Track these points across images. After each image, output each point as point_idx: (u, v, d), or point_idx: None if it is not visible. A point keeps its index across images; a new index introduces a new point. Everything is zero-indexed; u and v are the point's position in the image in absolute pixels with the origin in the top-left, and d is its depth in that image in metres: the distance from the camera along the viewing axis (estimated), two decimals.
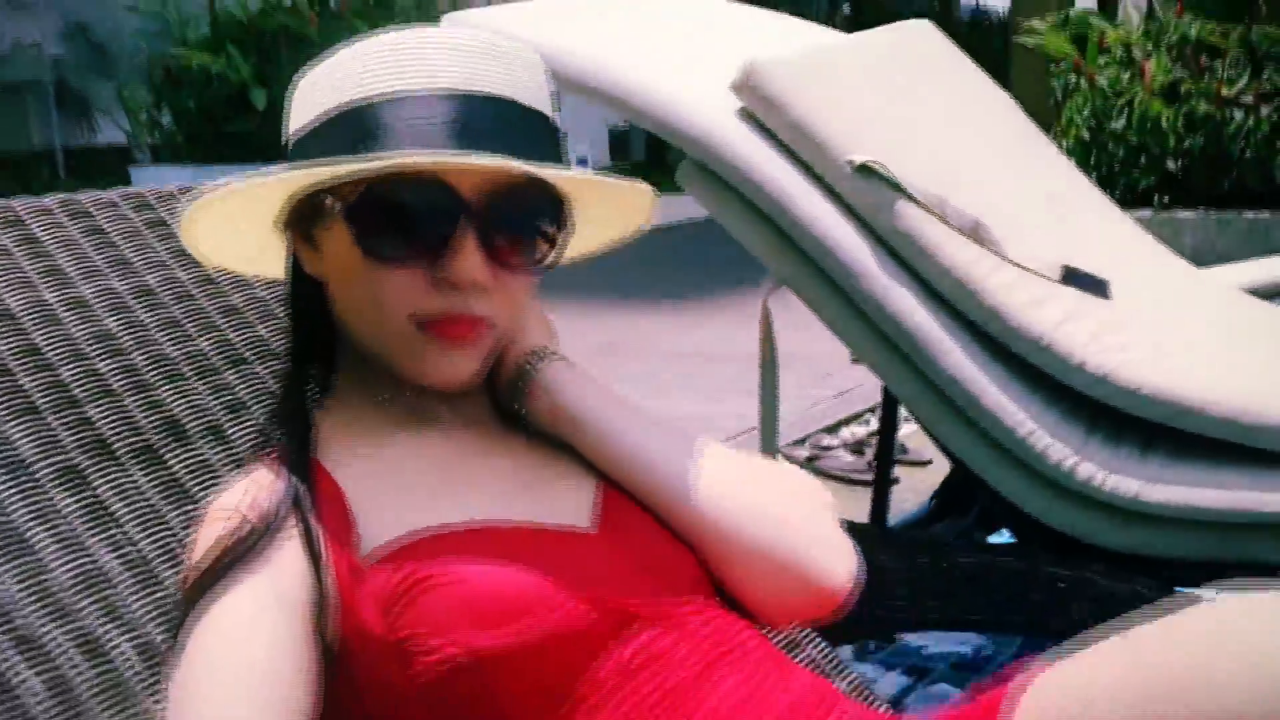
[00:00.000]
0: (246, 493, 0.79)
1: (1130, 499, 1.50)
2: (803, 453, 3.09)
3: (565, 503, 0.86)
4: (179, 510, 0.93)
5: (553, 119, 0.86)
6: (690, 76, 1.71)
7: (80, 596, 0.84)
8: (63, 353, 0.97)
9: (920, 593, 1.79)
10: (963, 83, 2.01)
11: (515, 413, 0.90)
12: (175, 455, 0.96)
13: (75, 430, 0.93)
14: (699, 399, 3.96)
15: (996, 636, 2.16)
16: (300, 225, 0.85)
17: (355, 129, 0.79)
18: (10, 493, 0.87)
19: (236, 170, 0.83)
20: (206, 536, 0.78)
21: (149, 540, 0.90)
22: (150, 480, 0.94)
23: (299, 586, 0.75)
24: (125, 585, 0.87)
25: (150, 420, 0.97)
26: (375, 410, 0.87)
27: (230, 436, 1.00)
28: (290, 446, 0.83)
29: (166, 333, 1.04)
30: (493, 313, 0.84)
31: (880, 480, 2.06)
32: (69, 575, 0.85)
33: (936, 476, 2.47)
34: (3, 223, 1.04)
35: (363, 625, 0.76)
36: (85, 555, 0.86)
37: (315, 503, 0.79)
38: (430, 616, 0.74)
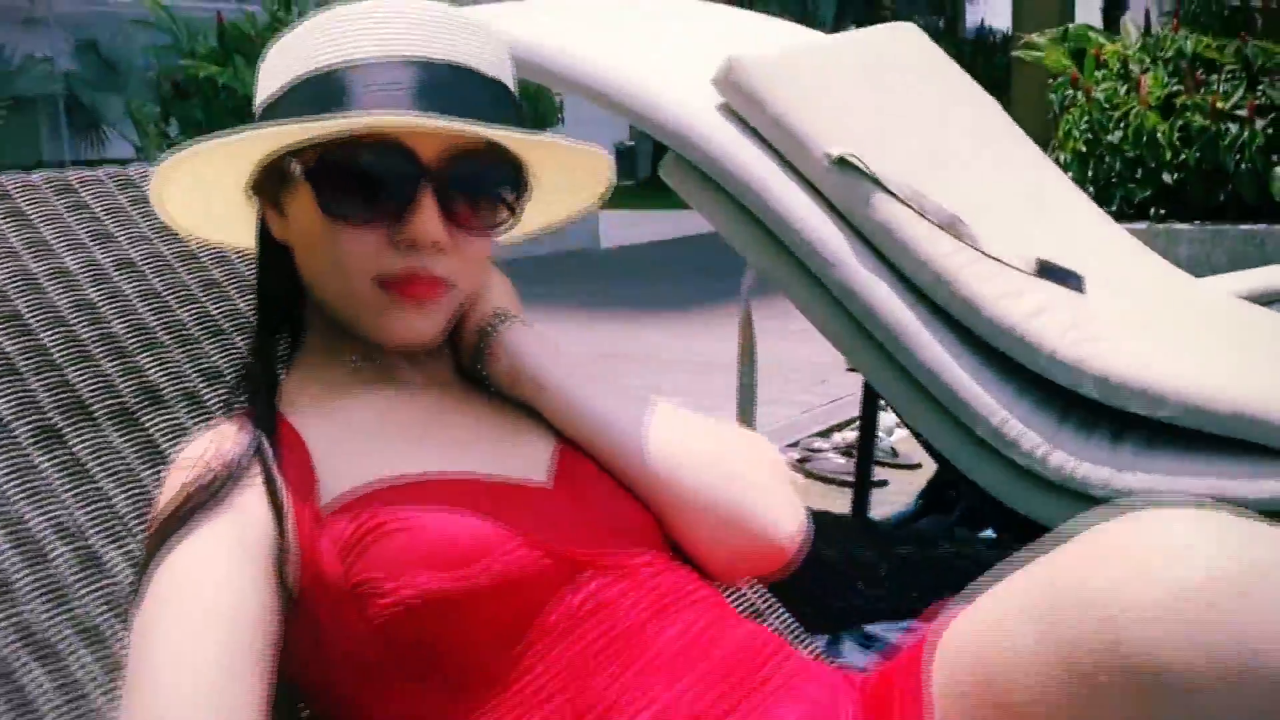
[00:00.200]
0: (212, 443, 0.82)
1: (1100, 486, 1.52)
2: (794, 455, 3.12)
3: (523, 458, 0.88)
4: (154, 471, 0.95)
5: (513, 89, 0.89)
6: (673, 72, 1.74)
7: (53, 546, 0.87)
8: (45, 319, 1.01)
9: (900, 583, 1.81)
10: (944, 83, 2.04)
11: (477, 374, 0.93)
12: (152, 419, 0.99)
13: (54, 392, 0.96)
14: (698, 407, 3.99)
15: None
16: (268, 191, 0.88)
17: (319, 94, 0.82)
18: None
19: None
20: (172, 484, 0.81)
21: (123, 497, 0.93)
22: (126, 441, 0.96)
23: (260, 532, 0.78)
24: (97, 538, 0.89)
25: (128, 385, 1.00)
26: (341, 370, 0.90)
27: (207, 403, 1.03)
28: (256, 401, 0.86)
29: (147, 303, 1.07)
30: (452, 274, 0.86)
31: (861, 473, 2.08)
32: (43, 526, 0.87)
33: (926, 480, 2.49)
34: None
35: (322, 570, 0.78)
36: (60, 508, 0.89)
37: (279, 454, 0.82)
38: (385, 560, 0.77)
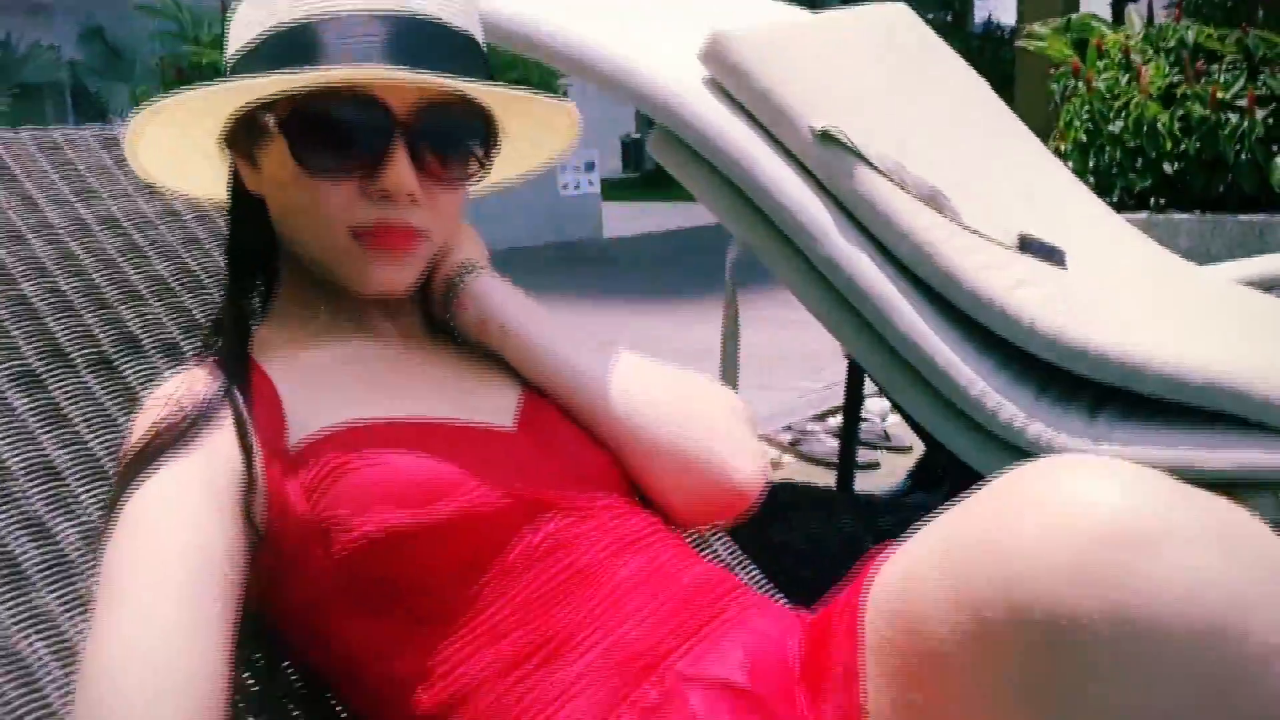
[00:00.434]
0: (183, 385, 0.84)
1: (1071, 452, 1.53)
2: (787, 437, 3.13)
3: (488, 404, 0.90)
4: (131, 416, 0.97)
5: (482, 44, 0.91)
6: (660, 47, 1.76)
7: (29, 485, 0.89)
8: (27, 270, 1.03)
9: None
10: (932, 62, 2.06)
11: (446, 324, 0.95)
12: (131, 367, 1.01)
13: (34, 340, 0.98)
14: None
15: None
16: (241, 144, 0.90)
17: (292, 47, 0.84)
18: None
19: None
20: (142, 423, 0.83)
21: (99, 441, 0.95)
22: (105, 388, 0.98)
23: (228, 471, 0.80)
24: (74, 478, 0.91)
25: (108, 335, 1.02)
26: (313, 320, 0.92)
27: (185, 353, 1.04)
28: (229, 345, 0.88)
29: (128, 257, 1.09)
30: (425, 224, 0.89)
31: (846, 448, 2.10)
32: (19, 465, 0.89)
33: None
34: None
35: (288, 508, 0.80)
36: (36, 450, 0.91)
37: (249, 397, 0.84)
38: (350, 498, 0.79)
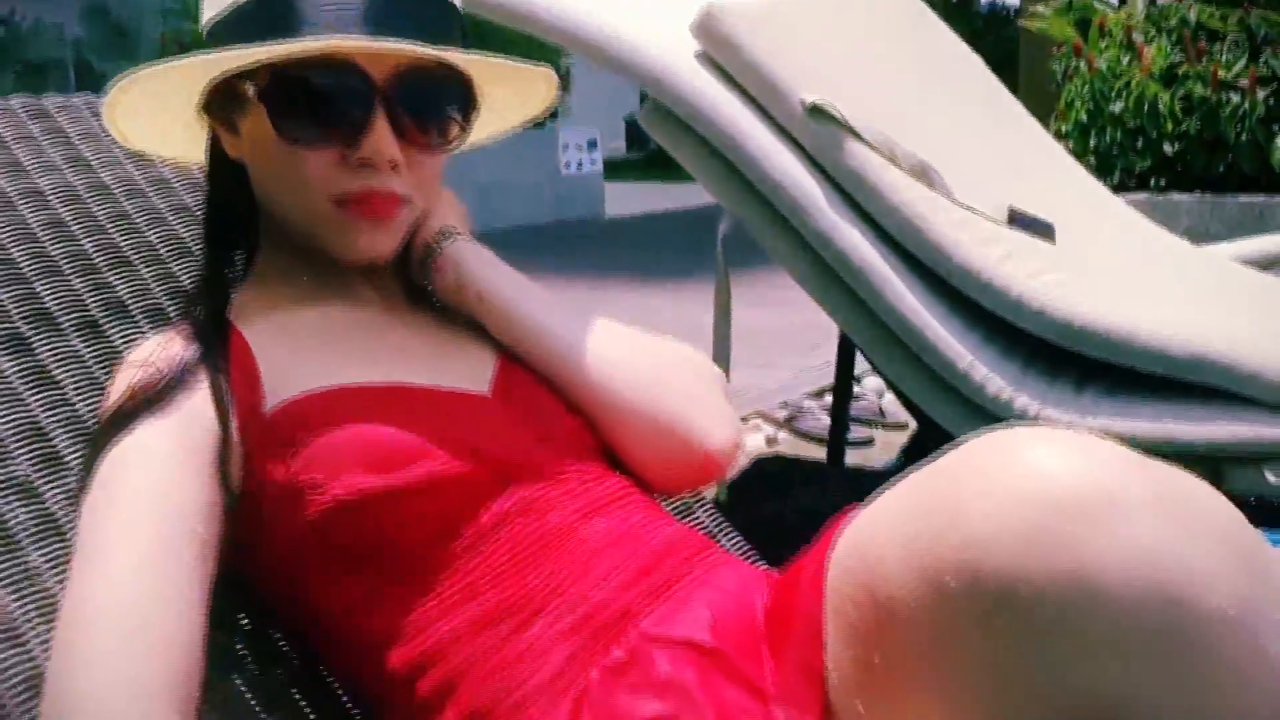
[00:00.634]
0: (160, 345, 0.85)
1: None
2: (783, 414, 3.14)
3: (464, 370, 0.91)
4: None
5: (460, 8, 0.91)
6: (652, 20, 1.76)
7: (16, 446, 0.90)
8: (16, 236, 1.04)
9: None
10: (925, 37, 2.06)
11: (424, 290, 0.96)
12: (118, 331, 1.02)
13: (22, 303, 0.99)
14: None
15: None
16: (220, 111, 0.91)
17: (270, 14, 0.85)
18: None
19: None
20: (119, 384, 0.84)
21: (86, 404, 0.96)
22: (92, 352, 0.99)
23: (203, 432, 0.81)
24: (60, 439, 0.92)
25: (96, 299, 1.03)
26: (293, 284, 0.93)
27: (173, 318, 1.06)
28: (207, 308, 0.89)
29: (117, 225, 1.10)
30: (407, 190, 0.90)
31: (837, 421, 2.11)
32: (7, 426, 0.91)
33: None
34: None
35: (262, 470, 0.82)
36: (23, 410, 0.92)
37: (226, 359, 0.85)
38: (322, 460, 0.80)
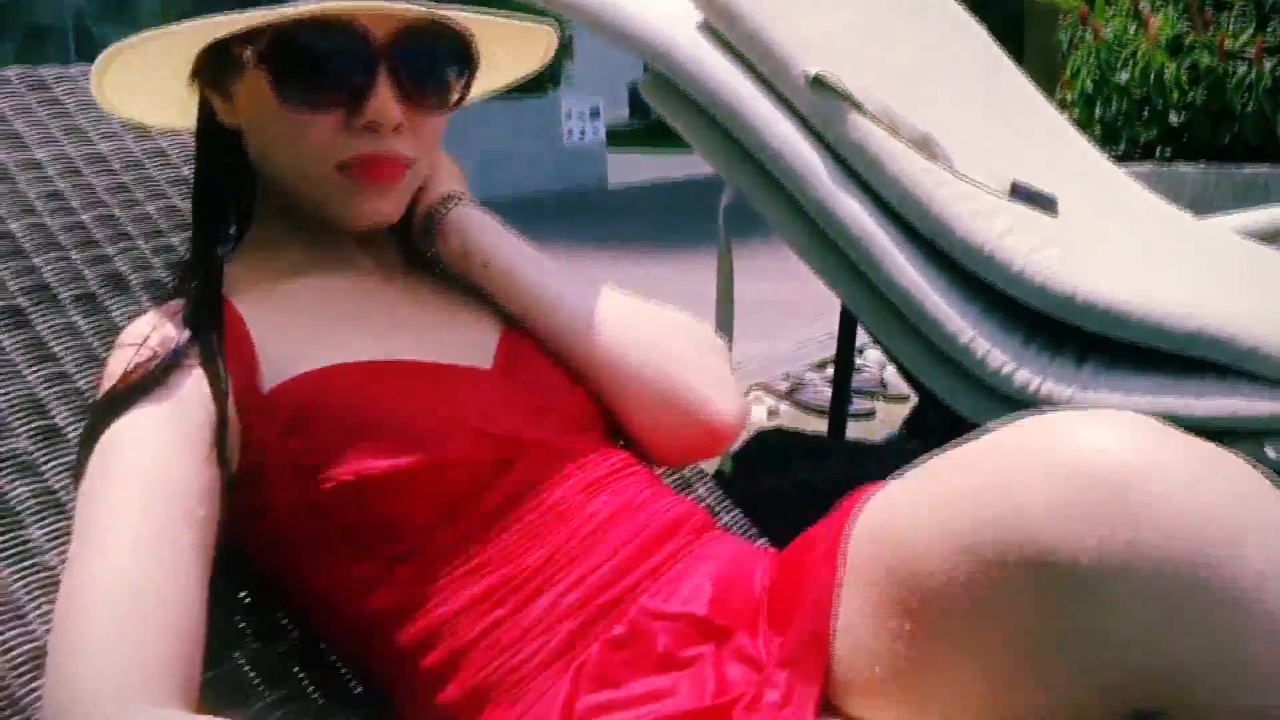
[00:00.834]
0: (154, 327, 0.84)
1: (1064, 403, 1.54)
2: (784, 386, 3.15)
3: (466, 344, 0.91)
4: None
5: None
6: None
7: (15, 420, 0.90)
8: (13, 208, 1.03)
9: None
10: (931, 9, 2.04)
11: (425, 258, 0.95)
12: (117, 304, 1.02)
13: (20, 276, 0.99)
14: None
15: None
16: (212, 77, 0.89)
17: None
18: None
19: None
20: (115, 365, 0.83)
21: (85, 378, 0.96)
22: (89, 324, 0.99)
23: (198, 413, 0.80)
24: (59, 414, 0.93)
25: (94, 272, 1.03)
26: (289, 255, 0.92)
27: (170, 292, 1.06)
28: (199, 284, 0.87)
29: (115, 196, 1.10)
30: (411, 152, 0.88)
31: (838, 394, 2.11)
32: (5, 401, 0.91)
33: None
34: None
35: (261, 450, 0.81)
36: (22, 384, 0.92)
37: (221, 337, 0.84)
38: (324, 442, 0.79)
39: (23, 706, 0.75)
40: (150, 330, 0.83)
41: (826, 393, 3.05)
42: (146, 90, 0.91)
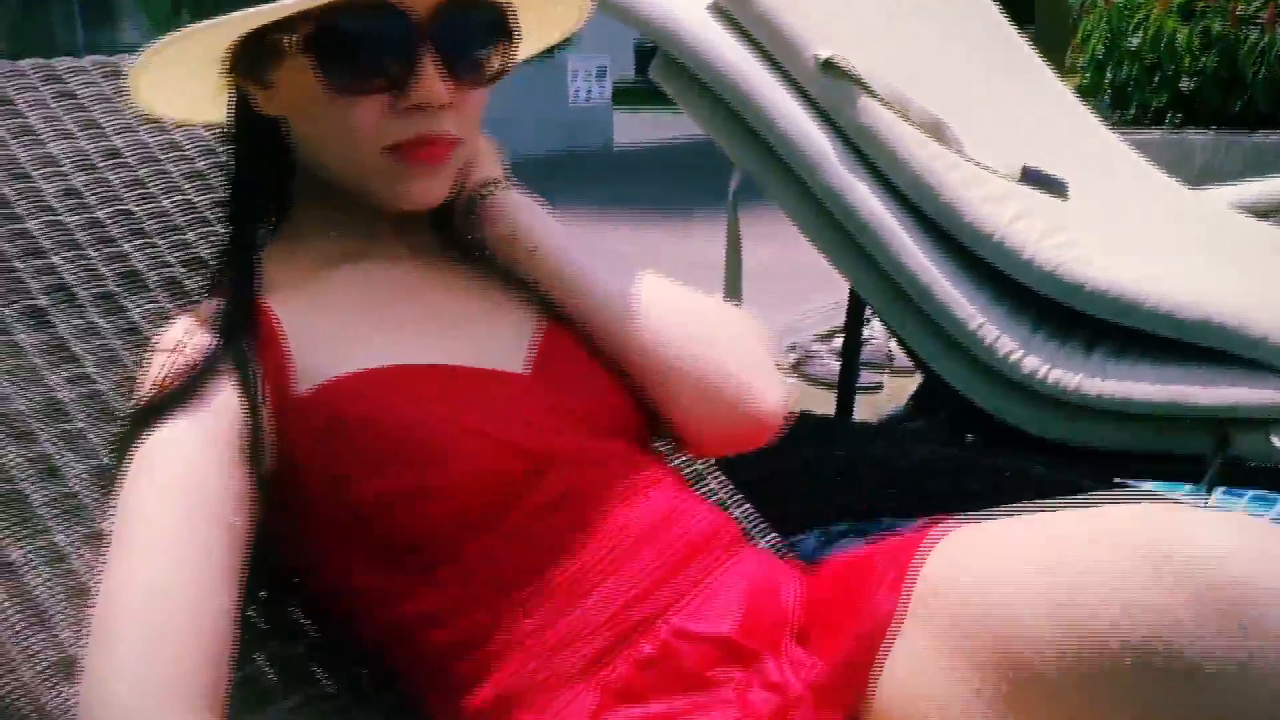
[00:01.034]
0: (188, 333, 0.84)
1: (1072, 391, 1.55)
2: (791, 358, 3.15)
3: (501, 345, 0.90)
4: (135, 352, 0.99)
5: None
6: None
7: (38, 424, 0.91)
8: (30, 206, 1.04)
9: (875, 481, 1.85)
10: None
11: (465, 241, 0.94)
12: (135, 302, 1.03)
13: (39, 276, 1.00)
14: None
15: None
16: (248, 67, 0.88)
17: None
18: None
19: None
20: (150, 371, 0.84)
21: (105, 378, 0.97)
22: (109, 324, 1.00)
23: (231, 421, 0.81)
24: (81, 417, 0.93)
25: (112, 270, 1.03)
26: (323, 246, 0.91)
27: (189, 289, 1.06)
28: (234, 288, 0.87)
29: (131, 191, 1.10)
30: (457, 130, 0.87)
31: (846, 376, 2.12)
32: (26, 403, 0.92)
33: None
34: None
35: (294, 455, 0.82)
36: (43, 388, 0.93)
37: (255, 340, 0.84)
38: (355, 455, 0.80)
39: (50, 714, 0.76)
40: (185, 335, 0.83)
41: (834, 366, 3.06)
42: (174, 84, 0.90)
